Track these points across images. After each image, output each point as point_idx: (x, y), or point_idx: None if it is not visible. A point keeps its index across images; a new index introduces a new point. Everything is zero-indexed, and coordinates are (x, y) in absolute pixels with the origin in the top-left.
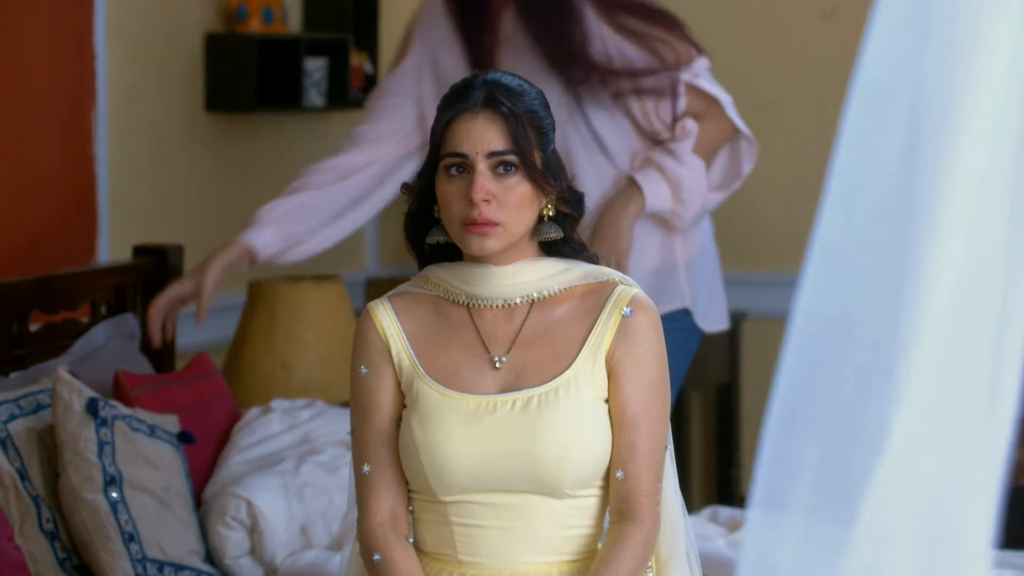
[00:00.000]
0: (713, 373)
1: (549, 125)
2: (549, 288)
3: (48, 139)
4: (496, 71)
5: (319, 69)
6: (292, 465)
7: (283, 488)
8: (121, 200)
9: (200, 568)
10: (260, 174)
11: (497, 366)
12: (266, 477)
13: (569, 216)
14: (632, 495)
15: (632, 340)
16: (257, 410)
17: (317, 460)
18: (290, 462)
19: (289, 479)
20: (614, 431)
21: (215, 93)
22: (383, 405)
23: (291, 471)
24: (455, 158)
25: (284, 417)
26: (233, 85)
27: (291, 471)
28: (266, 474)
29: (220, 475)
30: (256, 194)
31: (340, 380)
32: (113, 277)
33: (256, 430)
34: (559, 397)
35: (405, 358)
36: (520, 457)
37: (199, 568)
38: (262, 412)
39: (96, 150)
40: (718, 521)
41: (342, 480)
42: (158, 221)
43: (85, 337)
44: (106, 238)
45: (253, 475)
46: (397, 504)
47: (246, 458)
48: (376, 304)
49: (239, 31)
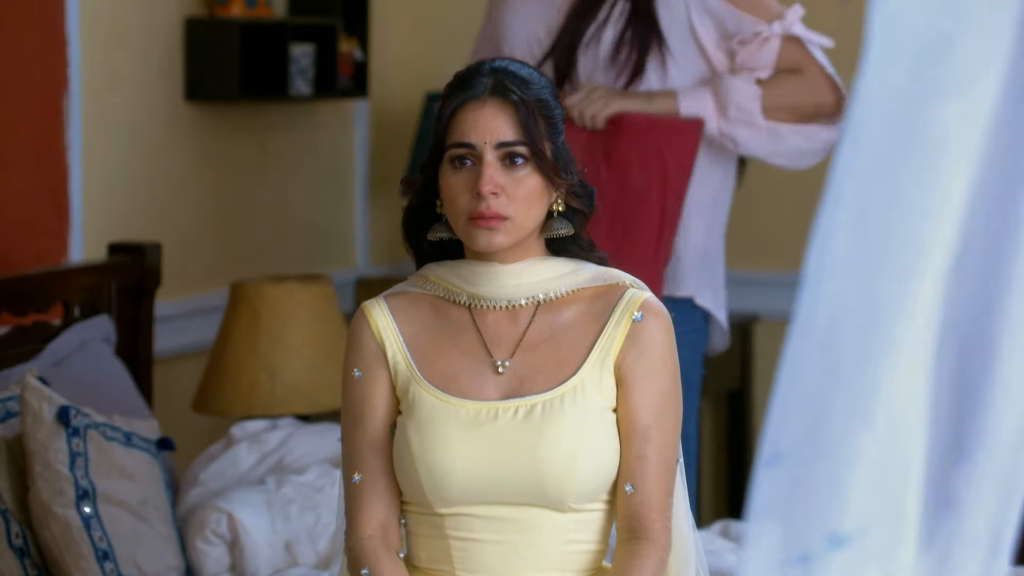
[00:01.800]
0: (723, 378)
1: (559, 115)
2: (556, 290)
3: (17, 129)
4: (503, 59)
5: (306, 56)
6: (274, 485)
7: (266, 504)
8: (95, 194)
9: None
10: (243, 167)
11: (500, 371)
12: (248, 492)
13: (579, 212)
14: (643, 511)
15: (643, 347)
16: (218, 445)
17: (301, 480)
18: (271, 483)
19: (272, 496)
20: (623, 443)
21: (195, 81)
22: (376, 411)
23: (274, 490)
24: (461, 148)
25: (251, 447)
26: (214, 73)
27: (274, 490)
28: (247, 490)
29: (196, 489)
30: (238, 188)
31: (329, 387)
32: (87, 277)
33: (225, 470)
34: (564, 405)
35: (401, 361)
36: (522, 468)
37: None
38: (224, 447)
39: (68, 141)
40: (729, 536)
41: (331, 500)
42: (135, 217)
43: (57, 341)
44: (79, 235)
45: (234, 489)
46: (389, 516)
47: (214, 488)
48: (371, 304)
49: (221, 15)
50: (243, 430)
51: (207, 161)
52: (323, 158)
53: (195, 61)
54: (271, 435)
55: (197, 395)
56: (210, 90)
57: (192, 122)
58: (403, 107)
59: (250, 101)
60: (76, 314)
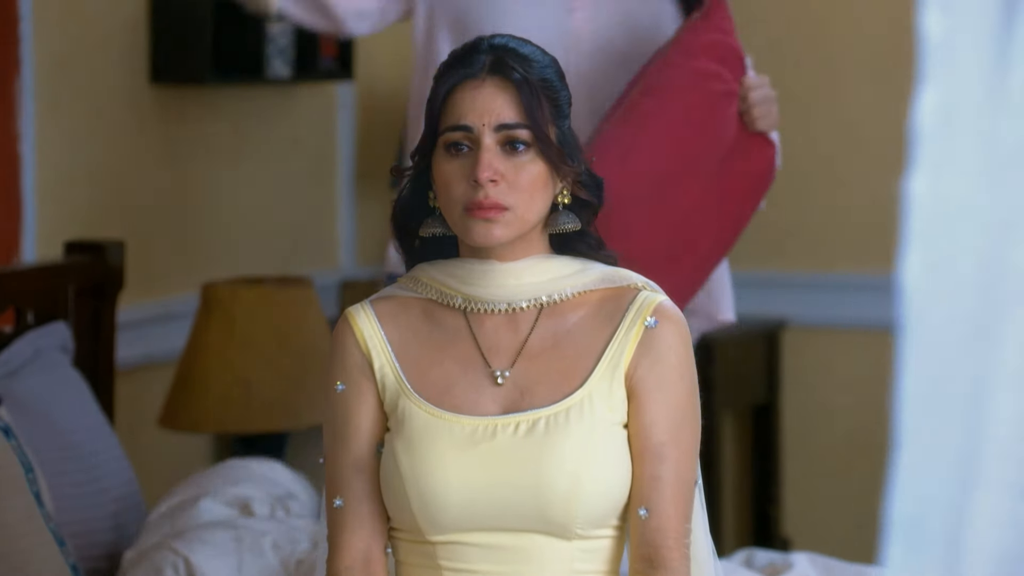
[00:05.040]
0: (748, 391)
1: (564, 98)
2: (561, 291)
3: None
4: (504, 35)
5: (284, 35)
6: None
7: (234, 540)
8: (50, 187)
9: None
10: (215, 157)
11: (498, 382)
12: (212, 529)
13: (587, 205)
14: (658, 537)
15: (657, 355)
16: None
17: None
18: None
19: (243, 531)
20: (635, 461)
21: (162, 62)
22: (361, 428)
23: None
24: (457, 132)
25: (215, 502)
26: (183, 53)
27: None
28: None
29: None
30: (211, 180)
31: (310, 402)
32: (41, 279)
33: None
34: (570, 420)
35: (389, 373)
36: (524, 490)
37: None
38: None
39: (20, 128)
40: (753, 566)
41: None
42: (94, 212)
43: (8, 351)
44: (32, 232)
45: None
46: (373, 544)
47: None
48: (356, 310)
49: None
50: (191, 490)
51: (174, 151)
52: (304, 147)
53: (161, 39)
54: (233, 489)
55: (164, 410)
56: (178, 72)
57: (158, 107)
58: (392, 91)
59: (222, 84)
60: (29, 320)
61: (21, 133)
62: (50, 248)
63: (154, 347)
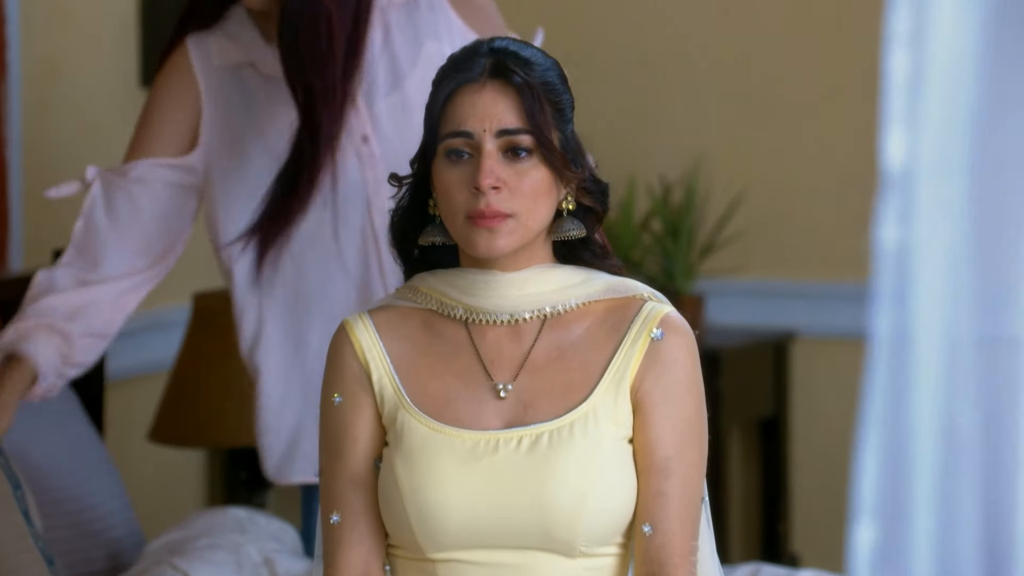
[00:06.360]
0: (756, 404)
1: (567, 102)
2: (565, 302)
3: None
4: (504, 37)
5: None
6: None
7: (236, 564)
8: (39, 194)
9: None
10: None
11: (501, 396)
12: (214, 551)
13: (591, 212)
14: (664, 554)
15: (663, 368)
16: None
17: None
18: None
19: (244, 558)
20: (640, 477)
21: (153, 65)
22: (358, 442)
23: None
24: (457, 138)
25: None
26: None
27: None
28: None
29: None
30: None
31: None
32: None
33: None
34: (574, 435)
35: (388, 385)
36: (526, 507)
37: None
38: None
39: (8, 133)
40: None
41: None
42: None
43: None
44: (19, 241)
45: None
46: (371, 561)
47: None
48: (354, 320)
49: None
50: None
51: None
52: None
53: (152, 42)
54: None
55: (155, 423)
56: None
57: None
58: None
59: None
60: None
61: (8, 138)
62: (38, 257)
63: (145, 358)
